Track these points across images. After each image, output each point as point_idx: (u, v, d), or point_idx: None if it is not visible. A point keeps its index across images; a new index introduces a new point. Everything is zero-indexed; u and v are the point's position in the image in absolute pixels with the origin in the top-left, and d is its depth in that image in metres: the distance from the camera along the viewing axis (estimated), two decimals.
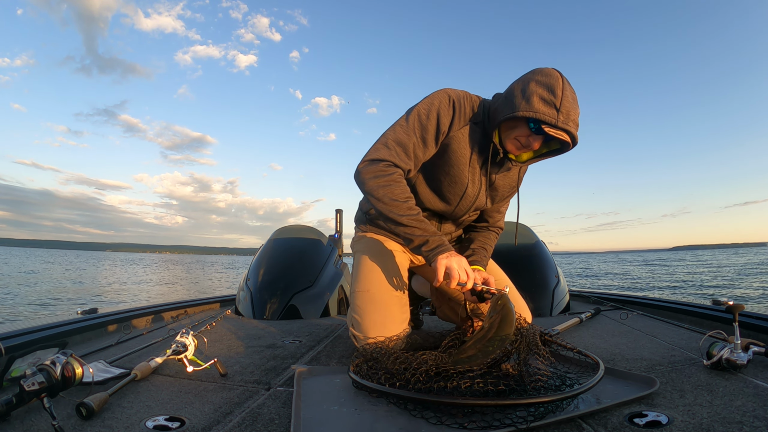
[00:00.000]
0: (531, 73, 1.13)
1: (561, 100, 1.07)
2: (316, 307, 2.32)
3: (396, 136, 1.21)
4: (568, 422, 0.81)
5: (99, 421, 0.83)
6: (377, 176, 1.18)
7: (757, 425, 0.77)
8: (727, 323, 1.43)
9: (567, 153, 1.22)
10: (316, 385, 1.02)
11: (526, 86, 1.11)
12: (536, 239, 2.58)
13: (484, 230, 1.50)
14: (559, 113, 1.06)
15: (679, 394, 0.94)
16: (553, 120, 1.07)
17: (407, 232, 1.18)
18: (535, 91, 1.08)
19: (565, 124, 1.07)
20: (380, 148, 1.21)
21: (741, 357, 1.07)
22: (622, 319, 1.98)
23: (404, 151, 1.21)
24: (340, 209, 3.21)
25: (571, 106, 1.08)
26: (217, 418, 0.86)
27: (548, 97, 1.07)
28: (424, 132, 1.21)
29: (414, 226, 1.17)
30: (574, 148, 1.16)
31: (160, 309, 2.18)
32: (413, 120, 1.21)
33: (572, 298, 2.70)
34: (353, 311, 1.35)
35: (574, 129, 1.10)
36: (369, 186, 1.19)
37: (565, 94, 1.08)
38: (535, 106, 1.07)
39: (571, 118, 1.08)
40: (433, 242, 1.16)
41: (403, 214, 1.16)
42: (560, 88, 1.07)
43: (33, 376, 0.82)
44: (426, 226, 1.18)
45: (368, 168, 1.19)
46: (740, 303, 1.23)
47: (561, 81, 1.08)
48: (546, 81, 1.09)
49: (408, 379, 0.88)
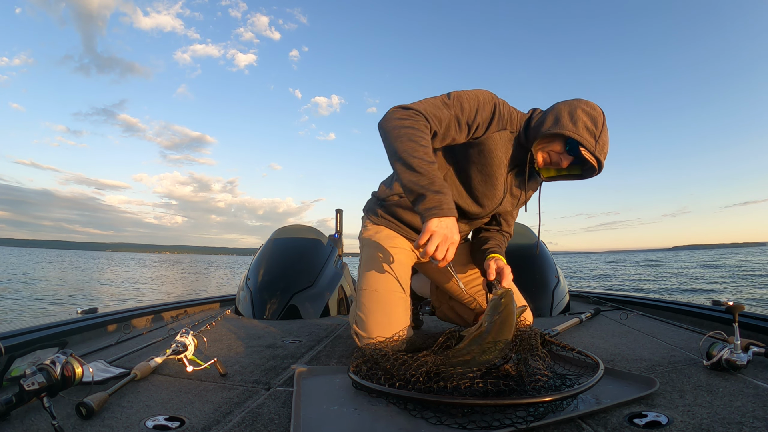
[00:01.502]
0: (578, 101, 1.23)
1: (600, 133, 1.20)
2: (316, 307, 2.32)
3: (435, 102, 1.21)
4: (567, 422, 0.81)
5: (99, 421, 0.83)
6: (404, 118, 1.15)
7: (757, 426, 0.77)
8: (727, 323, 1.43)
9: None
10: (316, 385, 1.02)
11: (573, 111, 1.20)
12: (536, 239, 2.58)
13: (496, 233, 1.53)
14: (597, 143, 1.20)
15: (679, 394, 0.94)
16: (592, 147, 1.19)
17: (412, 179, 1.09)
18: (581, 118, 1.19)
19: (599, 153, 1.20)
20: (417, 103, 1.20)
21: (741, 357, 1.07)
22: (622, 320, 1.98)
23: (438, 117, 1.18)
24: (340, 209, 3.21)
25: (606, 141, 1.22)
26: (216, 417, 0.86)
27: (591, 126, 1.19)
28: (460, 112, 1.21)
29: (421, 173, 1.08)
30: (596, 175, 1.28)
31: (160, 309, 2.17)
32: (455, 98, 1.22)
33: (572, 299, 2.70)
34: (358, 309, 1.35)
35: (604, 159, 1.23)
36: (392, 124, 1.14)
37: (604, 129, 1.21)
38: (580, 130, 1.18)
39: (604, 150, 1.22)
40: (432, 200, 1.08)
41: (416, 156, 1.09)
42: (601, 122, 1.20)
43: (33, 376, 0.82)
44: (434, 177, 1.09)
45: (397, 111, 1.17)
46: (740, 303, 1.23)
47: (603, 117, 1.21)
48: (591, 112, 1.20)
49: (408, 379, 0.88)
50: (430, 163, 1.11)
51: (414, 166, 1.09)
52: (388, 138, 1.15)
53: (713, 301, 1.87)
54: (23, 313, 8.36)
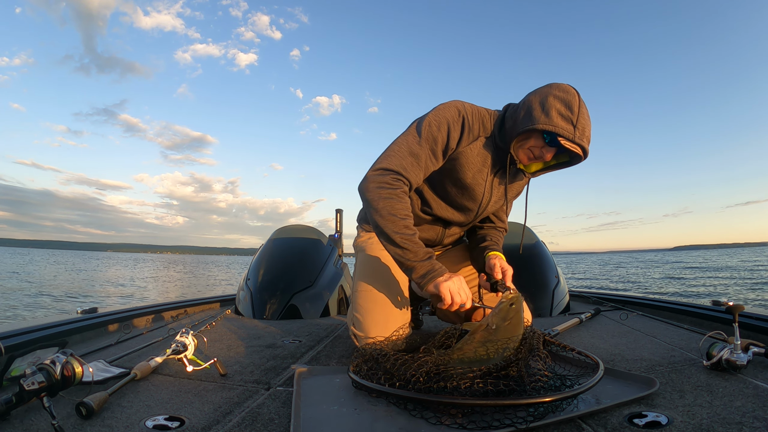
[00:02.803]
0: (548, 88, 1.16)
1: (578, 117, 1.12)
2: (316, 307, 2.32)
3: (409, 147, 1.21)
4: (567, 422, 0.81)
5: (99, 421, 0.83)
6: (381, 187, 1.17)
7: (757, 426, 0.76)
8: (727, 324, 1.42)
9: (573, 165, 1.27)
10: (316, 385, 1.02)
11: (544, 100, 1.14)
12: (536, 239, 2.58)
13: (492, 229, 1.52)
14: (575, 129, 1.12)
15: (679, 394, 0.94)
16: (570, 135, 1.11)
17: (398, 253, 1.17)
18: (554, 106, 1.12)
19: (580, 140, 1.12)
20: (392, 157, 1.20)
21: (741, 358, 1.07)
22: (622, 320, 1.98)
23: (416, 161, 1.21)
24: (340, 209, 3.21)
25: (586, 123, 1.14)
26: (216, 417, 0.86)
27: (566, 112, 1.12)
28: (434, 144, 1.22)
29: (405, 248, 1.16)
30: (583, 161, 1.21)
31: (160, 309, 2.17)
32: (425, 131, 1.21)
33: (572, 299, 2.70)
34: (354, 310, 1.35)
35: (587, 144, 1.15)
36: (371, 195, 1.18)
37: (581, 111, 1.13)
38: (554, 120, 1.11)
39: (586, 134, 1.14)
40: (422, 268, 1.15)
41: (398, 231, 1.15)
42: (577, 105, 1.12)
43: (33, 376, 0.82)
44: (417, 248, 1.16)
45: (376, 177, 1.19)
46: (740, 303, 1.23)
47: (578, 98, 1.13)
48: (564, 97, 1.13)
49: (408, 379, 0.88)
50: (412, 235, 1.17)
51: (397, 242, 1.16)
52: (369, 210, 1.20)
53: (713, 301, 1.87)
54: (23, 313, 8.36)
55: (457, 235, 1.52)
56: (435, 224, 1.44)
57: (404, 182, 1.20)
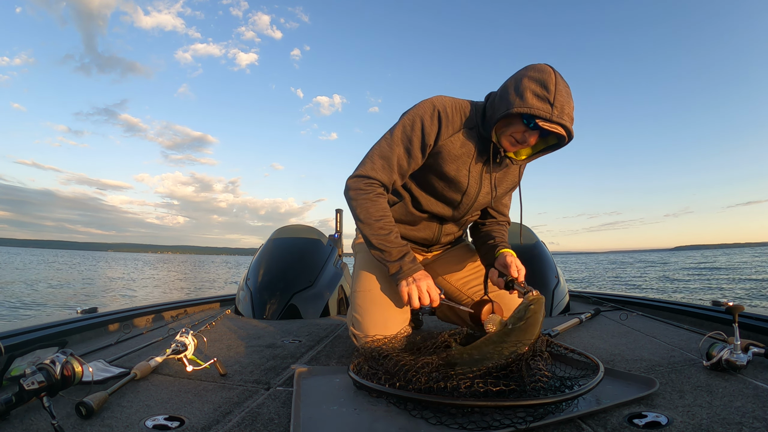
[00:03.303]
0: (524, 70, 1.13)
1: (555, 95, 1.06)
2: (315, 307, 2.32)
3: (380, 151, 1.26)
4: (567, 422, 0.81)
5: (98, 421, 0.83)
6: (357, 193, 1.25)
7: (757, 426, 0.77)
8: (727, 324, 1.43)
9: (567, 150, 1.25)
10: (316, 385, 1.02)
11: (519, 83, 1.11)
12: (536, 240, 2.58)
13: (495, 224, 1.51)
14: (553, 108, 1.06)
15: (679, 394, 0.94)
16: (547, 114, 1.06)
17: (377, 255, 1.25)
18: (528, 87, 1.08)
19: (559, 118, 1.07)
20: (365, 163, 1.27)
21: (741, 358, 1.07)
22: (622, 320, 1.98)
23: (387, 164, 1.25)
24: (340, 209, 3.21)
25: (565, 101, 1.08)
26: (216, 417, 0.86)
27: (541, 92, 1.07)
28: (408, 144, 1.24)
29: (382, 249, 1.23)
30: (570, 141, 1.15)
31: (160, 308, 2.17)
32: (398, 133, 1.25)
33: (572, 299, 2.70)
34: (354, 310, 1.35)
35: (569, 122, 1.09)
36: (350, 203, 1.28)
37: (559, 89, 1.07)
38: (529, 101, 1.07)
39: (566, 112, 1.08)
40: (393, 267, 1.21)
41: (374, 233, 1.23)
42: (553, 83, 1.07)
43: (33, 375, 0.82)
44: (392, 248, 1.22)
45: (352, 184, 1.27)
46: (740, 304, 1.23)
47: (554, 76, 1.08)
48: (538, 76, 1.09)
49: (408, 379, 0.88)
50: (386, 235, 1.24)
51: (375, 244, 1.24)
52: (352, 214, 1.29)
53: (713, 302, 1.87)
54: (23, 313, 8.36)
55: (453, 233, 1.52)
56: (430, 221, 1.44)
57: (377, 184, 1.26)
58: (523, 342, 0.96)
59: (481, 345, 1.02)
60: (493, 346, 0.98)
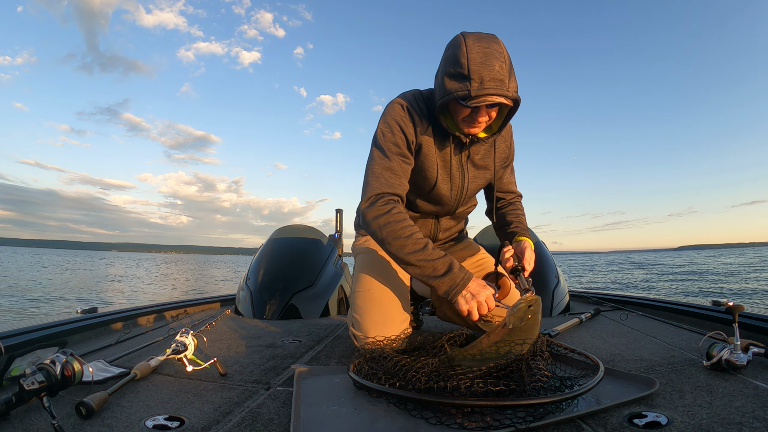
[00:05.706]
0: (443, 55, 1.08)
1: (469, 67, 0.98)
2: (316, 307, 2.32)
3: (379, 165, 1.22)
4: (567, 422, 0.81)
5: (98, 421, 0.83)
6: (377, 216, 1.17)
7: (757, 426, 0.76)
8: (727, 324, 1.42)
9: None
10: (316, 385, 1.02)
11: (439, 69, 1.08)
12: (536, 239, 2.58)
13: (507, 205, 1.49)
14: (471, 82, 0.98)
15: (679, 394, 0.94)
16: (466, 92, 0.99)
17: (417, 273, 1.14)
18: (444, 71, 1.05)
19: (481, 90, 0.99)
20: (371, 183, 1.21)
21: (741, 358, 1.07)
22: (622, 320, 1.98)
23: (392, 173, 1.21)
24: (341, 209, 3.21)
25: (483, 67, 0.98)
26: (216, 417, 0.86)
27: (455, 70, 1.00)
28: (398, 148, 1.23)
29: (420, 266, 1.13)
30: (517, 101, 1.07)
31: (160, 308, 2.18)
32: (383, 142, 1.23)
33: (572, 299, 2.70)
34: (353, 311, 1.35)
35: (497, 88, 0.99)
36: (372, 229, 1.19)
37: (472, 57, 0.98)
38: (447, 87, 1.03)
39: (487, 79, 0.99)
40: (444, 284, 1.11)
41: (410, 251, 1.13)
42: (464, 54, 0.99)
43: (32, 375, 0.82)
44: (434, 263, 1.12)
45: (368, 210, 1.19)
46: (740, 304, 1.23)
47: (464, 46, 1.00)
48: (450, 54, 1.02)
49: (408, 379, 0.88)
50: (421, 250, 1.13)
51: (412, 262, 1.13)
52: (377, 240, 1.20)
53: (713, 302, 1.87)
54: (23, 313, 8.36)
55: (451, 229, 1.51)
56: (425, 219, 1.44)
57: (393, 199, 1.20)
58: (525, 341, 0.96)
59: (481, 345, 1.02)
60: (493, 347, 0.99)
